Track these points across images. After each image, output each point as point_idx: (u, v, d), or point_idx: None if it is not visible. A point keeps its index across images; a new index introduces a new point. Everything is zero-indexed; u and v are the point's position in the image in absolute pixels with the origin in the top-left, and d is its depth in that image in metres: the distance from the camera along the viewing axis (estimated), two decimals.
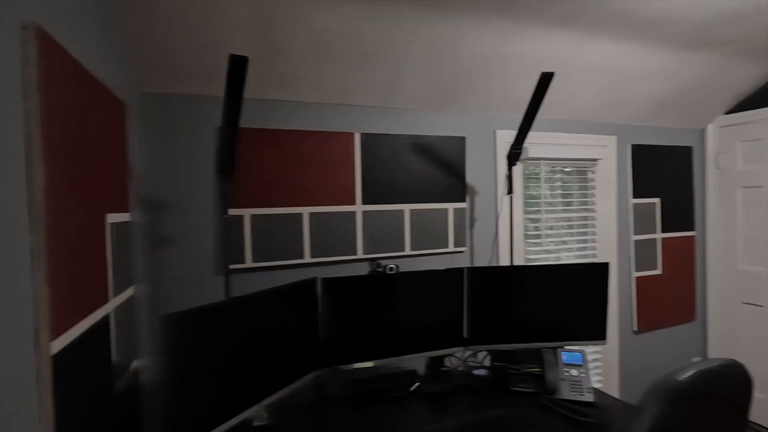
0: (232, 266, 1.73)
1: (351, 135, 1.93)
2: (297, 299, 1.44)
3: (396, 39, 1.69)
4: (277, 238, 1.80)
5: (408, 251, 2.05)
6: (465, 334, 1.70)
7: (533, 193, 2.44)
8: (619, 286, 2.63)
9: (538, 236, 2.43)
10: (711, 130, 2.90)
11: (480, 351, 1.81)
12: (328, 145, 1.89)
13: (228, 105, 1.26)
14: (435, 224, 2.11)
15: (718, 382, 0.79)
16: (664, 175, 2.78)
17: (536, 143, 2.36)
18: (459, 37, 1.75)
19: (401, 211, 2.03)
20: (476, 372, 1.79)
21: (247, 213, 1.75)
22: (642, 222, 2.69)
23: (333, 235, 1.90)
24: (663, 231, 2.77)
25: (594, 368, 2.59)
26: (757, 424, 2.72)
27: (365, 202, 1.96)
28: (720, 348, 2.89)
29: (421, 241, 2.08)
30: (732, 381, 0.82)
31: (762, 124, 2.64)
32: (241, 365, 1.23)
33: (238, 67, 1.21)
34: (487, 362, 1.92)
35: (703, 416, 0.78)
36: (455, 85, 2.02)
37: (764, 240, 2.65)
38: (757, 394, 2.71)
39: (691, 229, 2.89)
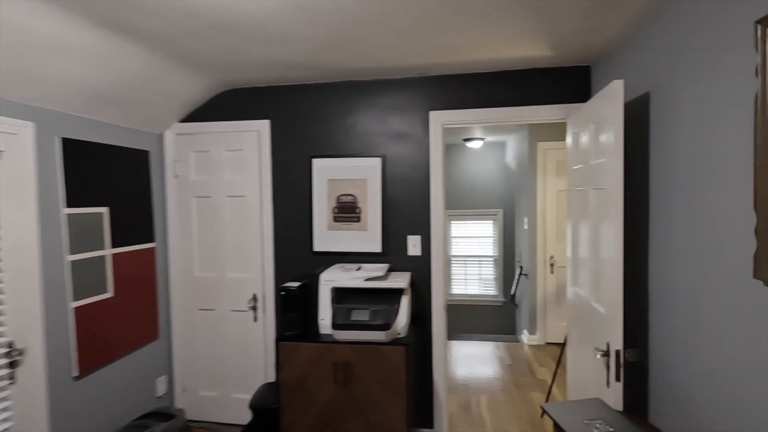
0: None
1: None
2: None
3: None
4: None
5: None
6: None
7: None
8: (46, 326, 1.96)
9: None
10: (168, 136, 2.79)
11: None
12: None
13: None
14: None
15: None
16: (115, 180, 2.37)
17: None
18: None
19: None
20: None
21: None
22: (82, 237, 2.15)
23: None
24: (114, 246, 2.36)
25: None
26: (212, 422, 2.87)
27: None
28: (184, 357, 2.85)
29: None
30: None
31: (209, 136, 2.78)
32: None
33: None
34: None
35: None
36: None
37: (213, 248, 2.81)
38: (206, 393, 2.85)
39: (151, 240, 2.67)
